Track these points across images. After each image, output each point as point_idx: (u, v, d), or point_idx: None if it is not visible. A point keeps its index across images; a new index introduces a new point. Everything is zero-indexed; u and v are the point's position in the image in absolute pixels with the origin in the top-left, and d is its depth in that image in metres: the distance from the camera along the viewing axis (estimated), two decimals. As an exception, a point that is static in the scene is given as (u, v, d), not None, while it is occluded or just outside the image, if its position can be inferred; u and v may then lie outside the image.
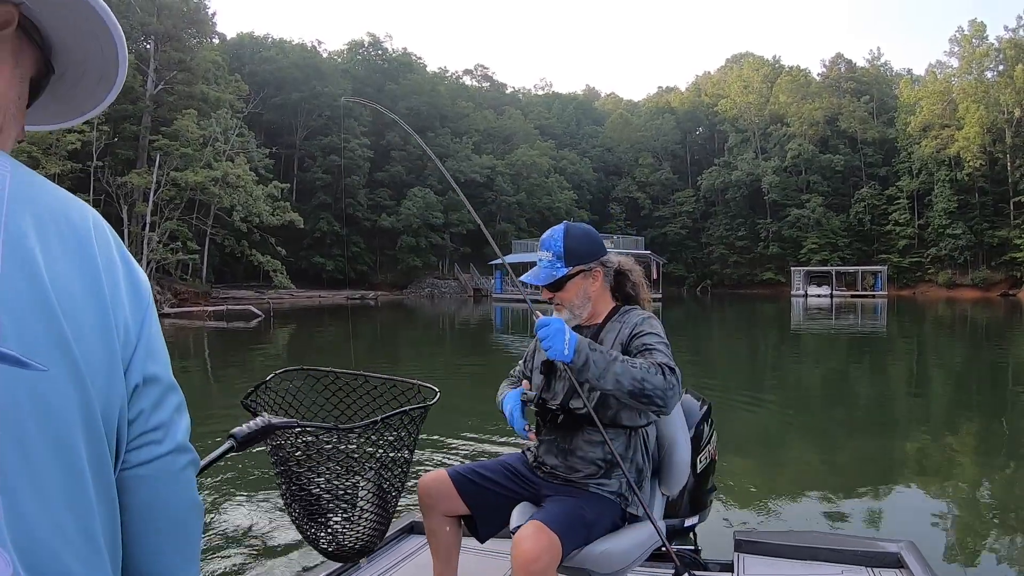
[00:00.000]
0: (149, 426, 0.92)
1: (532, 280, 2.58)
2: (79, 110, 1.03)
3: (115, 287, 0.89)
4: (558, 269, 2.57)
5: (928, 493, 6.57)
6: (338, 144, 65.86)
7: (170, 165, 40.70)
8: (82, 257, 0.85)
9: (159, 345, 0.96)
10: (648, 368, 2.23)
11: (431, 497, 2.61)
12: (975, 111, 63.52)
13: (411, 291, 65.65)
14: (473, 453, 7.61)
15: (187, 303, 38.57)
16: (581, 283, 2.59)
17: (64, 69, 0.97)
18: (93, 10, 0.90)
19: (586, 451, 2.52)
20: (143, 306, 0.94)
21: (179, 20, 46.97)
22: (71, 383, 0.79)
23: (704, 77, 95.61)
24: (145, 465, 0.91)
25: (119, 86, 0.99)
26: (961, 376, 15.22)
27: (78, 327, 0.81)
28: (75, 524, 0.79)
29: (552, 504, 2.43)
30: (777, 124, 78.68)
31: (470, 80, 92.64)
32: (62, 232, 0.84)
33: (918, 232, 69.20)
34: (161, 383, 0.94)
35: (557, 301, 2.61)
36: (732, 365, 17.39)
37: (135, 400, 0.91)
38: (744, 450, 7.73)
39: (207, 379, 14.89)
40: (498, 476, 2.67)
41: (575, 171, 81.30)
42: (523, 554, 2.17)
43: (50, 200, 0.85)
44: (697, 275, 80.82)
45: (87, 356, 0.82)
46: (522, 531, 2.24)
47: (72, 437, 0.79)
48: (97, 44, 0.94)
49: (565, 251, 2.56)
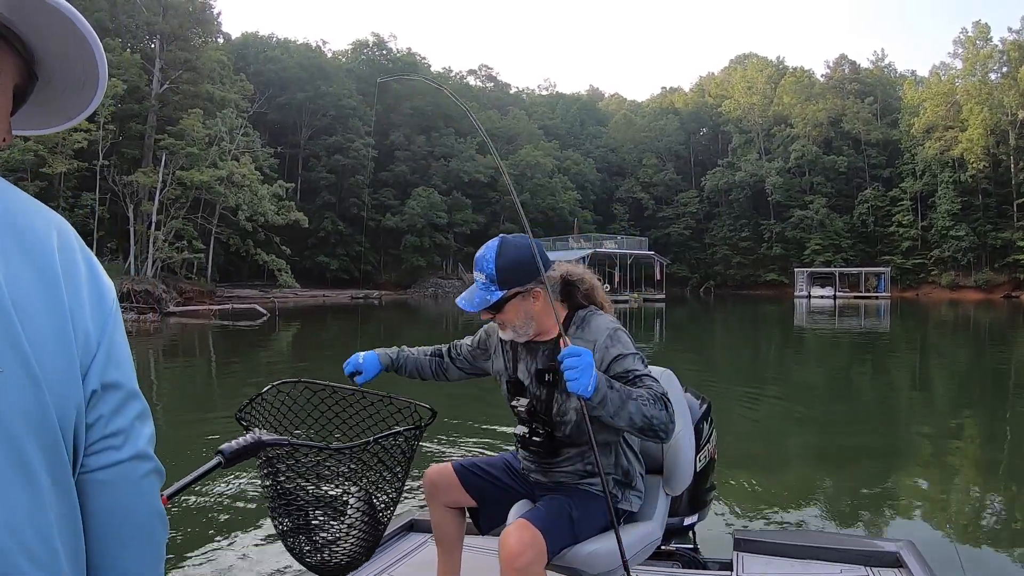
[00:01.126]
0: (108, 431, 0.92)
1: (465, 305, 2.43)
2: (65, 115, 1.05)
3: (76, 293, 0.90)
4: (492, 293, 2.39)
5: (928, 493, 6.57)
6: (342, 144, 65.94)
7: (176, 164, 40.86)
8: (41, 265, 0.86)
9: (122, 352, 0.97)
10: (654, 403, 2.18)
11: (436, 488, 2.65)
12: (979, 113, 63.47)
13: (415, 291, 65.75)
14: (475, 449, 7.70)
15: (192, 302, 38.75)
16: (520, 304, 2.42)
17: (49, 76, 0.99)
18: (67, 18, 0.92)
19: (565, 467, 2.52)
20: (106, 312, 0.95)
21: (185, 20, 47.14)
22: (26, 386, 0.80)
23: (708, 78, 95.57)
24: (104, 470, 0.92)
25: (102, 90, 1.01)
26: (963, 378, 15.24)
27: (35, 331, 0.82)
28: (30, 527, 0.80)
29: (541, 503, 2.44)
30: (781, 125, 78.63)
31: (474, 80, 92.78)
32: (23, 239, 0.85)
33: (921, 234, 69.20)
34: (122, 390, 0.95)
35: (499, 321, 2.46)
36: (733, 365, 17.45)
37: (93, 405, 0.91)
38: (744, 449, 7.74)
39: (210, 377, 15.02)
40: (499, 472, 2.70)
41: (579, 171, 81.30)
42: (507, 550, 2.20)
43: (12, 206, 0.87)
44: (700, 276, 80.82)
45: (43, 360, 0.83)
46: (508, 529, 2.28)
47: (26, 438, 0.80)
48: (76, 50, 0.97)
49: (497, 273, 2.38)
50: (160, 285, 37.52)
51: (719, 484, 6.10)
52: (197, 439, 8.15)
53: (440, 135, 72.88)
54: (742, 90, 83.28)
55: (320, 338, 25.28)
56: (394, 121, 72.79)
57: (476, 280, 2.43)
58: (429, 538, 3.34)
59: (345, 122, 67.12)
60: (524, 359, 2.55)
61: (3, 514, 0.77)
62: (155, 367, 16.24)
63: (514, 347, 2.58)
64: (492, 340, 2.70)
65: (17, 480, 0.79)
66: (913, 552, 3.13)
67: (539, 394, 2.48)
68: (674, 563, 2.59)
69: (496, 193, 71.25)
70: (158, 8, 46.22)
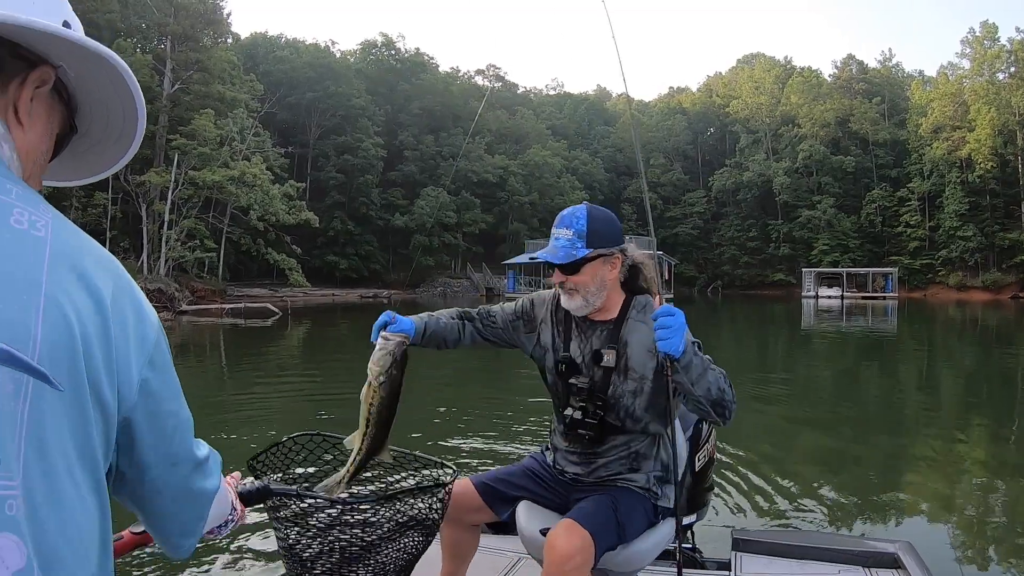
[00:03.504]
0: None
1: (549, 257, 2.35)
2: (92, 170, 1.10)
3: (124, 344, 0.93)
4: (578, 249, 2.33)
5: (928, 494, 6.55)
6: (352, 143, 66.23)
7: (188, 164, 41.20)
8: (102, 315, 0.89)
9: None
10: (727, 379, 2.21)
11: (456, 510, 2.38)
12: (986, 113, 63.45)
13: (424, 290, 65.87)
14: (488, 452, 7.60)
15: (204, 300, 39.08)
16: (599, 268, 2.37)
17: (86, 129, 1.04)
18: (121, 77, 0.96)
19: (610, 456, 2.45)
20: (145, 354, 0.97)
21: (196, 20, 47.43)
22: (77, 410, 0.84)
23: (715, 78, 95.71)
24: None
25: (134, 149, 1.06)
26: (967, 378, 15.21)
27: (93, 369, 0.86)
28: (75, 529, 0.84)
29: (584, 503, 2.36)
30: (788, 125, 78.71)
31: (482, 80, 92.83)
32: (90, 290, 0.88)
33: (929, 234, 69.24)
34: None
35: (571, 286, 2.39)
36: (735, 364, 17.30)
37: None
38: (743, 449, 7.69)
39: (221, 376, 15.27)
40: (526, 481, 2.57)
41: (587, 171, 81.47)
42: (557, 553, 2.14)
43: (83, 261, 0.89)
44: (708, 276, 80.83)
45: (97, 390, 0.87)
46: (555, 531, 2.21)
47: (81, 452, 0.85)
48: (119, 108, 1.01)
49: (588, 231, 2.34)
50: (173, 284, 37.92)
51: (718, 484, 6.09)
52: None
53: (449, 135, 73.15)
54: (749, 90, 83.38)
55: (335, 336, 25.48)
56: (403, 121, 73.03)
57: (559, 238, 2.36)
58: None
59: (354, 122, 67.41)
60: (577, 337, 2.47)
61: (60, 516, 0.82)
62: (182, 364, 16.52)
63: (567, 323, 2.50)
64: (539, 311, 2.56)
65: (72, 487, 0.84)
66: (911, 553, 3.15)
67: (593, 375, 2.42)
68: (672, 563, 2.57)
69: (505, 193, 71.53)
70: (169, 9, 46.55)
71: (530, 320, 2.56)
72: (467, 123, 74.31)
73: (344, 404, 10.88)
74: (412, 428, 8.33)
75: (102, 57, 0.94)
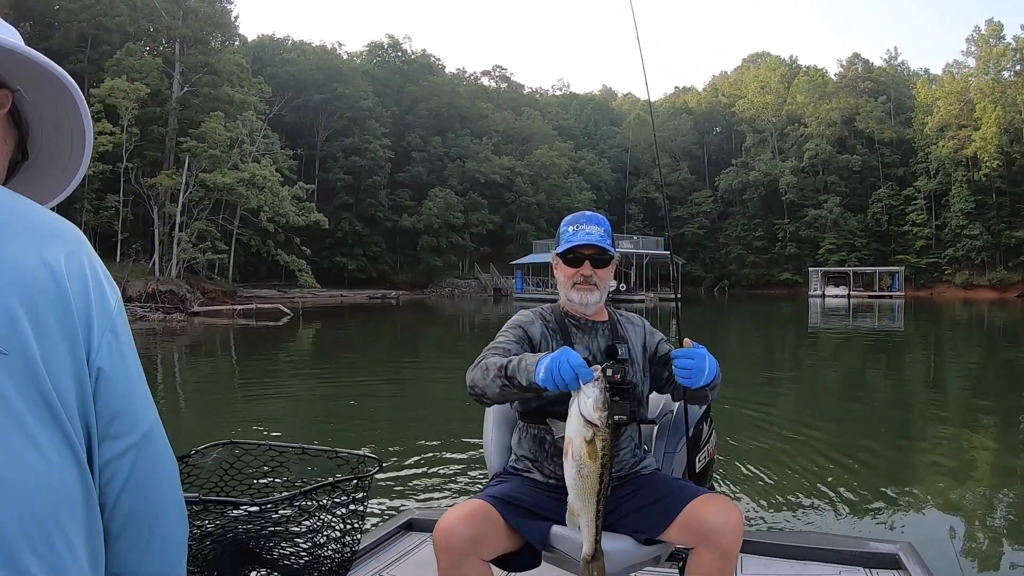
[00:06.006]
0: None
1: (598, 240, 2.42)
2: (39, 198, 1.07)
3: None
4: (609, 245, 2.44)
5: (929, 495, 6.52)
6: (359, 145, 66.41)
7: (198, 167, 41.51)
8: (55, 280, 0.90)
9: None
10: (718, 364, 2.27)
11: (470, 543, 2.06)
12: (992, 111, 63.40)
13: (432, 290, 66.04)
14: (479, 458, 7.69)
15: (215, 302, 39.30)
16: (612, 268, 2.51)
17: (36, 156, 1.05)
18: (75, 103, 0.99)
19: (624, 446, 2.44)
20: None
21: (204, 23, 47.81)
22: (26, 370, 0.85)
23: (721, 77, 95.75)
24: None
25: (78, 179, 1.08)
26: (973, 378, 15.15)
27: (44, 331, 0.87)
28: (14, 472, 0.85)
29: (642, 492, 2.34)
30: (794, 124, 78.67)
31: (488, 81, 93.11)
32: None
33: (935, 233, 69.21)
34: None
35: (596, 279, 2.45)
36: (736, 364, 16.94)
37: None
38: (743, 449, 7.69)
39: (232, 377, 15.47)
40: (532, 496, 2.34)
41: (593, 172, 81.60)
42: (736, 519, 2.17)
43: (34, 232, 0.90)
44: (715, 275, 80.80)
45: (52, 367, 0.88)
46: (711, 508, 2.18)
47: (33, 406, 0.86)
48: (68, 136, 1.03)
49: (610, 233, 2.48)
50: (184, 285, 38.22)
51: (718, 484, 6.11)
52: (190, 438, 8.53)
53: (456, 136, 73.38)
54: (755, 89, 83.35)
55: (346, 335, 25.73)
56: (410, 122, 73.26)
57: (590, 233, 2.43)
58: (428, 537, 3.03)
59: (361, 123, 67.59)
60: (580, 340, 2.47)
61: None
62: (191, 364, 16.87)
63: (563, 328, 2.49)
64: (533, 330, 2.48)
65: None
66: (912, 554, 3.14)
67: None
68: (671, 564, 2.54)
69: (512, 193, 71.73)
70: (177, 12, 46.94)
71: (530, 340, 2.47)
72: (474, 124, 74.54)
73: (365, 408, 11.10)
74: (420, 433, 8.41)
75: (60, 80, 0.94)
